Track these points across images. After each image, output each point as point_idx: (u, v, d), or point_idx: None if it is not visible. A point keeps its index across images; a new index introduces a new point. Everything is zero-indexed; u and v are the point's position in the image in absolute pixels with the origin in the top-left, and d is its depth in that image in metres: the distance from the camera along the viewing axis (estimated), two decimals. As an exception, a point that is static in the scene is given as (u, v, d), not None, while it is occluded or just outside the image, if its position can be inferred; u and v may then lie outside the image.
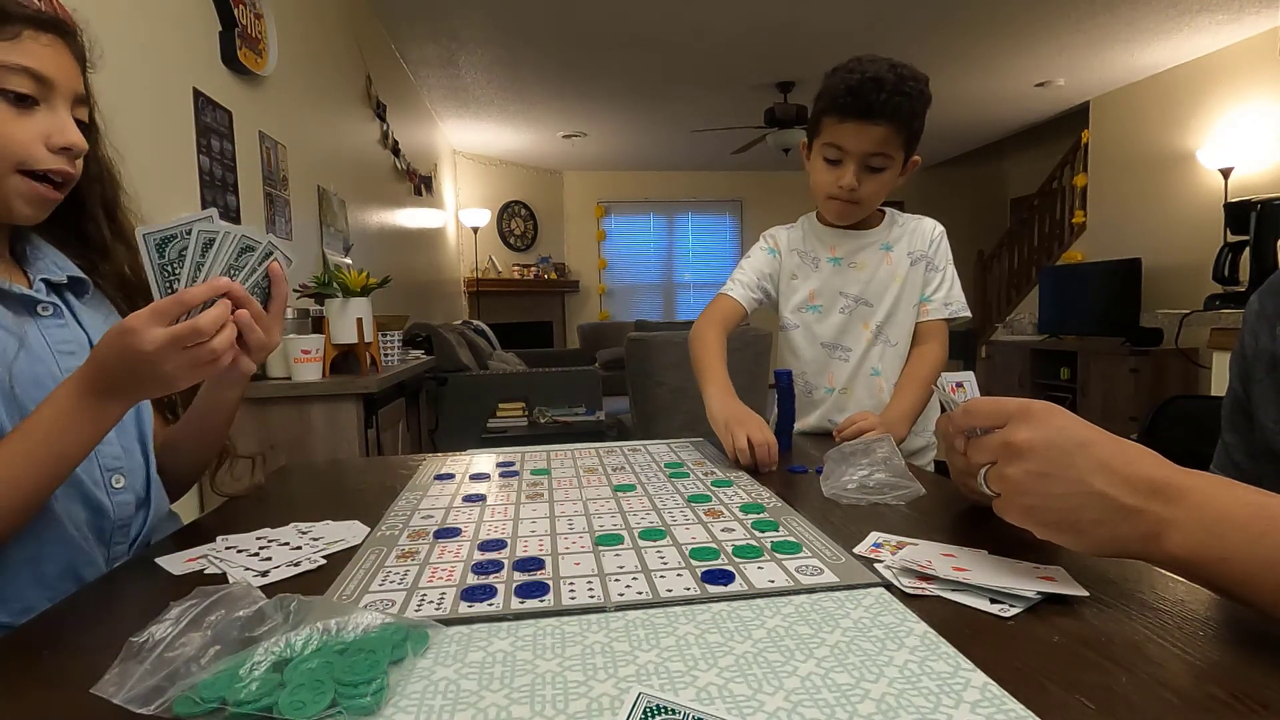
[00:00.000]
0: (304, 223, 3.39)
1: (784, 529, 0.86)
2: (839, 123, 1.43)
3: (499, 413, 4.47)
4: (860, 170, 1.46)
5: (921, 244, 1.59)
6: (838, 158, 1.47)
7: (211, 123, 2.49)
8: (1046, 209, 8.11)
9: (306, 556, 0.80)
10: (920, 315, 1.59)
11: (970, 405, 0.71)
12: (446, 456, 1.35)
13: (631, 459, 1.28)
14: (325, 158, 3.82)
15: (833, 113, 1.44)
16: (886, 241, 1.60)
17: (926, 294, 1.59)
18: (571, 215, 9.95)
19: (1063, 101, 7.30)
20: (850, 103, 1.40)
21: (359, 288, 2.53)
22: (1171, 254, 6.24)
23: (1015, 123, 8.17)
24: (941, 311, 1.58)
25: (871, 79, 1.38)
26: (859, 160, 1.45)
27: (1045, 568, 0.69)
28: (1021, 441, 0.63)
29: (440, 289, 7.34)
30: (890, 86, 1.38)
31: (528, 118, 7.40)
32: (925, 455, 1.62)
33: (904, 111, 1.40)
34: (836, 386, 1.61)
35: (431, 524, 0.91)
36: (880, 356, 1.59)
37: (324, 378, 2.40)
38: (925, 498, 0.97)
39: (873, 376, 1.59)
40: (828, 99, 1.45)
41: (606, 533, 0.85)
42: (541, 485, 1.10)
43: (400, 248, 5.70)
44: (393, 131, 5.27)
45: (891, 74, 1.39)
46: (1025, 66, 6.24)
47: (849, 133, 1.43)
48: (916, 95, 1.41)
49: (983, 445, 0.69)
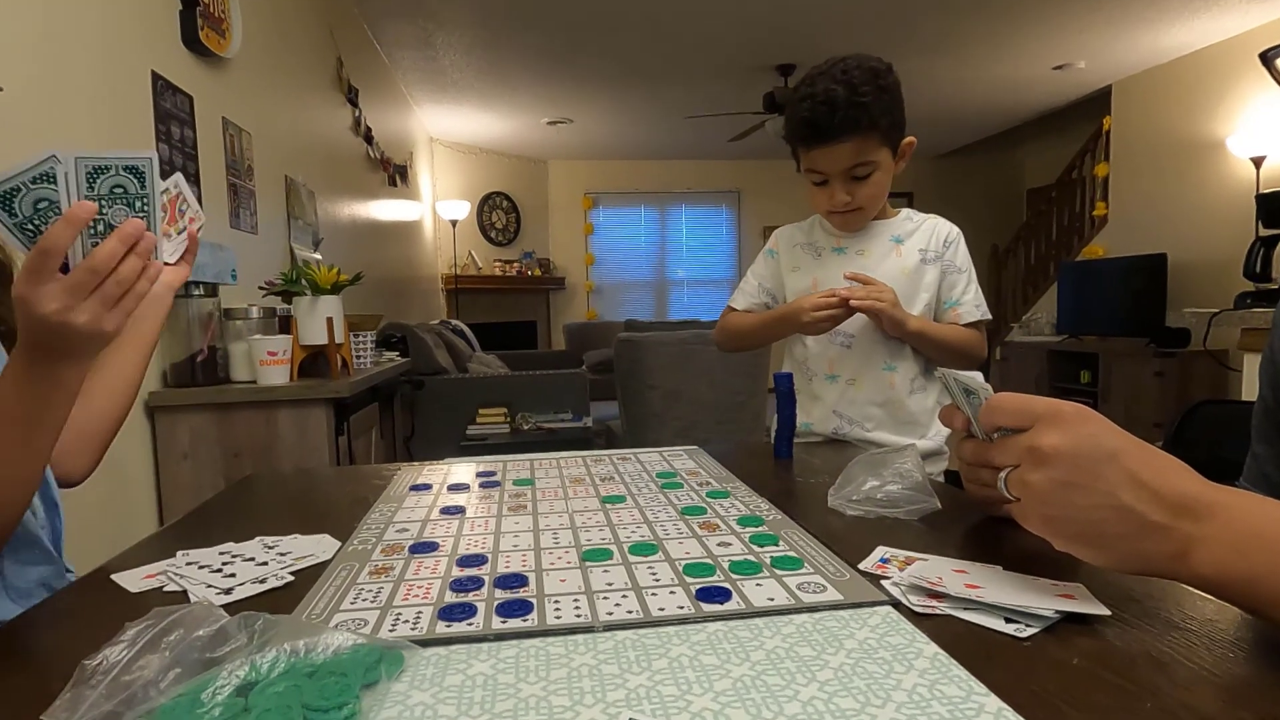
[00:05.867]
0: (270, 215, 3.38)
1: (784, 543, 0.86)
2: (808, 150, 1.53)
3: (479, 419, 4.47)
4: (847, 184, 1.54)
5: (936, 244, 1.63)
6: (822, 179, 1.55)
7: (171, 108, 2.48)
8: (1065, 201, 8.14)
9: (273, 573, 0.80)
10: (951, 320, 1.63)
11: (995, 402, 0.70)
12: (423, 466, 1.35)
13: (621, 468, 1.28)
14: (293, 146, 3.81)
15: (798, 142, 1.54)
16: (898, 234, 1.65)
17: (954, 298, 1.62)
18: (557, 207, 9.94)
19: (1083, 86, 7.33)
20: (809, 133, 1.49)
21: (329, 285, 2.52)
22: (1199, 249, 6.27)
23: (1032, 108, 8.19)
24: (974, 314, 1.62)
25: (822, 102, 1.44)
26: (842, 177, 1.53)
27: (1064, 585, 0.69)
28: (1048, 447, 0.63)
29: (416, 286, 7.33)
30: (843, 102, 1.43)
31: (510, 103, 7.40)
32: (936, 463, 1.62)
33: (866, 119, 1.45)
34: (840, 375, 1.63)
35: (407, 538, 0.91)
36: (892, 352, 1.61)
37: (291, 381, 2.40)
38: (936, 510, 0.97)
39: (885, 371, 1.61)
40: (789, 131, 1.55)
41: (594, 547, 0.85)
42: (525, 496, 1.10)
43: (373, 242, 5.69)
44: (365, 118, 5.26)
45: (842, 87, 1.44)
46: (1042, 48, 6.27)
47: (820, 158, 1.52)
48: (876, 97, 1.45)
49: (1006, 447, 0.69)
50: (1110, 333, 6.51)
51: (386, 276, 6.00)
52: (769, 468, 1.34)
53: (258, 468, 2.23)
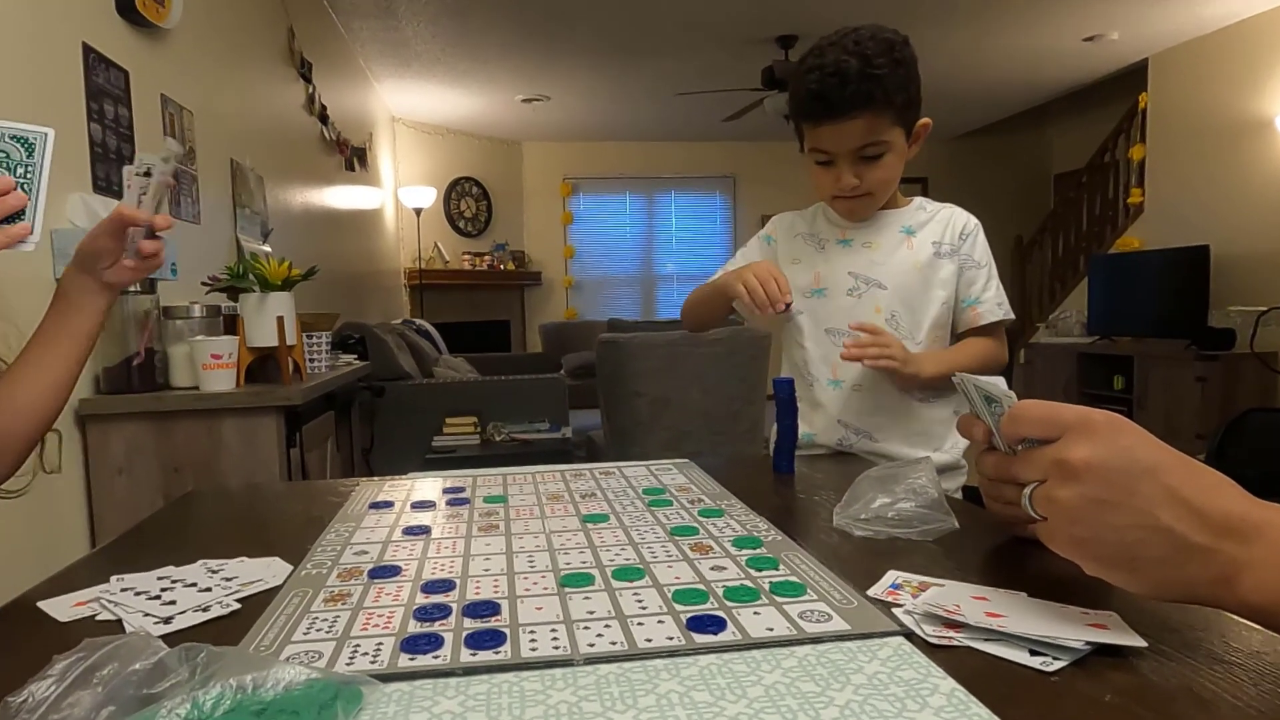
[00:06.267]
0: (214, 203, 3.36)
1: (785, 567, 0.86)
2: (814, 127, 1.52)
3: (446, 429, 4.47)
4: (855, 165, 1.54)
5: (951, 236, 1.63)
6: (828, 159, 1.55)
7: (105, 84, 2.47)
8: (1097, 186, 8.19)
9: (217, 600, 0.80)
10: (971, 320, 1.63)
11: (1019, 411, 0.70)
12: (384, 481, 1.35)
13: (604, 484, 1.28)
14: (240, 126, 3.79)
15: (804, 118, 1.54)
16: (909, 225, 1.65)
17: (973, 295, 1.63)
18: (532, 194, 9.92)
19: (1116, 59, 7.35)
20: (817, 107, 1.49)
21: (280, 280, 2.51)
22: (1246, 240, 6.29)
23: (1060, 84, 8.21)
24: (995, 313, 1.63)
25: (832, 74, 1.44)
26: (850, 157, 1.53)
27: (1096, 613, 0.69)
28: (1079, 461, 0.63)
29: (376, 282, 7.30)
30: (855, 74, 1.43)
31: (480, 78, 7.38)
32: (953, 478, 1.63)
33: (880, 94, 1.45)
34: (843, 380, 1.63)
35: (366, 561, 0.91)
36: None
37: (238, 387, 2.39)
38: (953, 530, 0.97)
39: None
40: (794, 105, 1.55)
41: (574, 571, 0.86)
42: (497, 515, 1.10)
43: (329, 233, 5.67)
44: (320, 95, 5.23)
45: (855, 58, 1.44)
46: (1071, 17, 6.28)
47: (827, 136, 1.52)
48: (891, 70, 1.45)
49: (1031, 460, 0.69)
50: (1147, 333, 6.54)
51: (343, 271, 5.98)
52: (768, 483, 1.34)
53: (200, 483, 2.22)
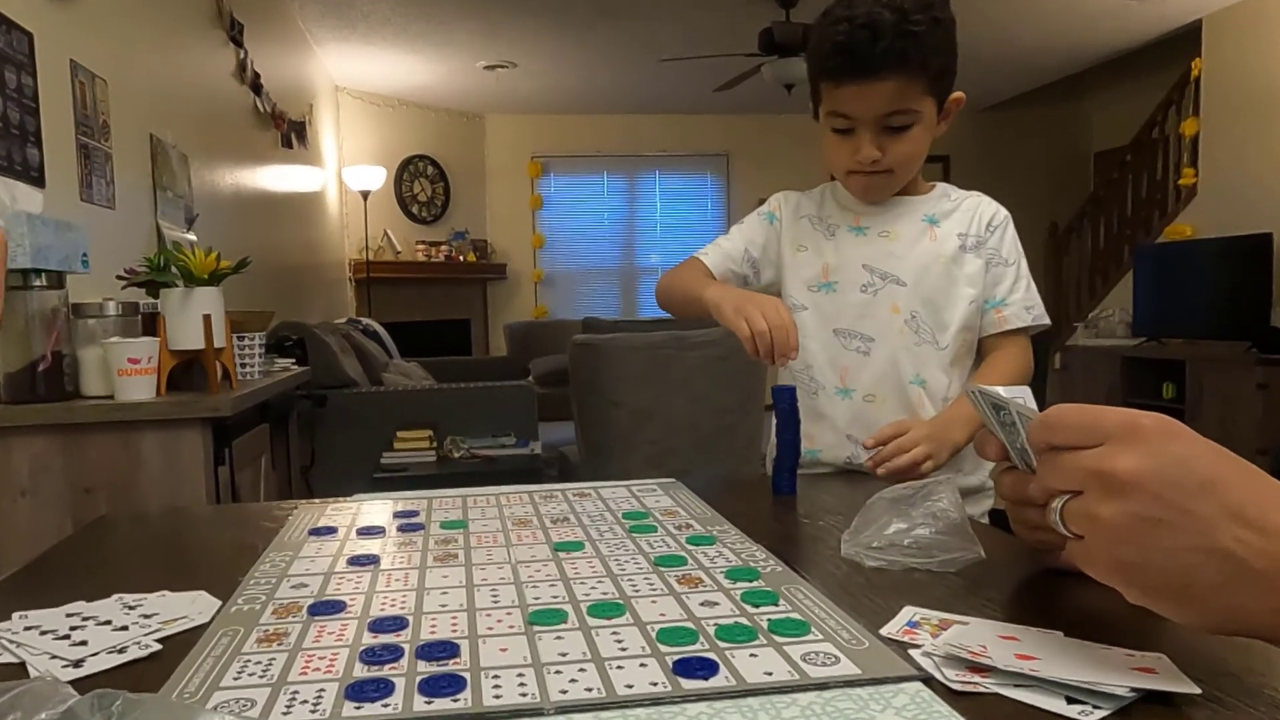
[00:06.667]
0: (131, 184, 3.36)
1: (786, 602, 0.86)
2: (836, 87, 1.50)
3: (397, 444, 4.49)
4: (879, 136, 1.52)
5: (977, 228, 1.63)
6: (848, 126, 1.53)
7: (4, 48, 2.45)
8: (1143, 166, 8.22)
9: (135, 640, 0.80)
10: (994, 325, 1.62)
11: (1054, 417, 0.68)
12: (326, 504, 1.35)
13: (578, 507, 1.28)
14: (161, 97, 3.79)
15: (825, 76, 1.51)
16: (932, 214, 1.64)
17: (999, 296, 1.62)
18: (496, 175, 9.93)
19: (1165, 20, 7.37)
20: (842, 63, 1.46)
21: (207, 273, 2.50)
22: (1313, 228, 6.31)
23: (1101, 49, 8.24)
24: (1023, 318, 1.62)
25: (864, 25, 1.43)
26: (873, 125, 1.51)
27: (1142, 655, 0.69)
28: (1125, 472, 0.61)
29: (318, 276, 7.30)
30: (890, 29, 1.42)
31: (436, 41, 7.37)
32: (979, 501, 1.63)
33: (915, 55, 1.44)
34: (854, 389, 1.62)
35: (305, 595, 0.91)
36: (922, 361, 1.61)
37: (158, 396, 2.37)
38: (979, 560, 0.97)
39: (912, 385, 1.61)
40: (816, 60, 1.52)
41: (544, 607, 0.86)
42: (455, 543, 1.10)
43: (263, 219, 5.68)
44: (253, 61, 5.23)
45: (890, 11, 1.43)
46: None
47: (850, 98, 1.49)
48: (930, 28, 1.45)
49: (1064, 466, 0.66)
50: (1201, 334, 6.55)
51: (280, 263, 5.97)
52: (766, 506, 1.34)
53: (115, 506, 2.19)
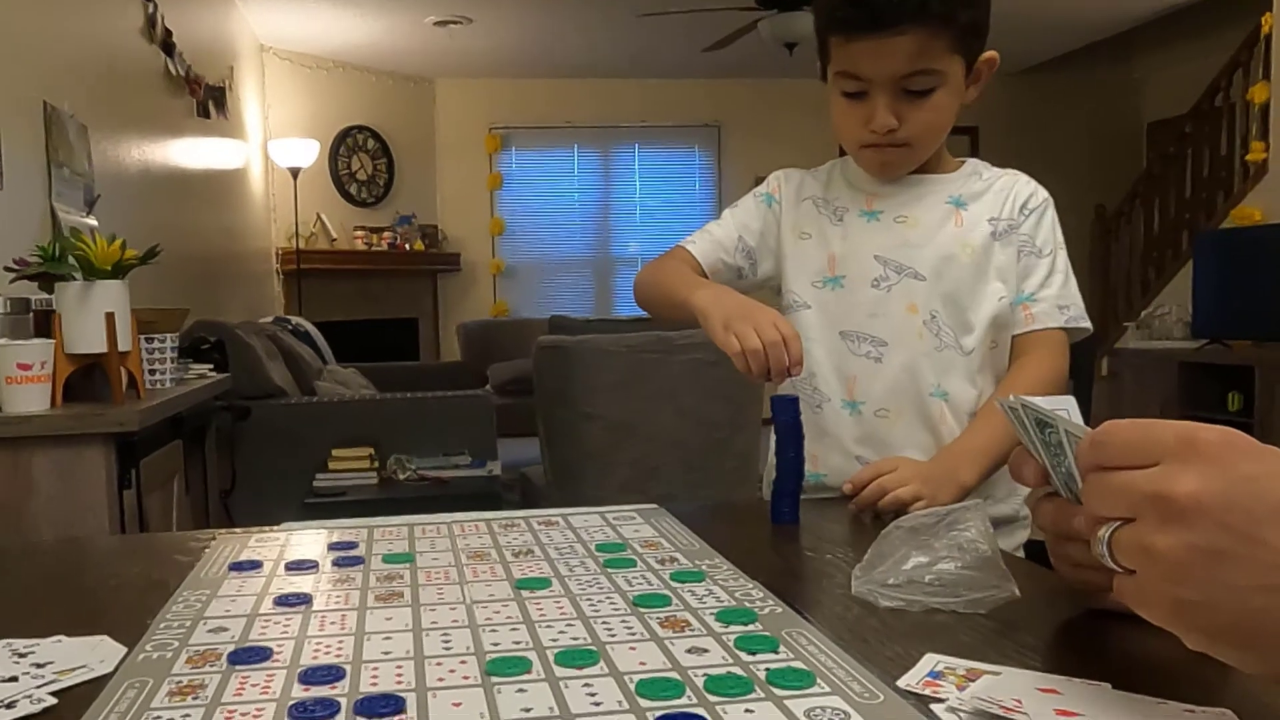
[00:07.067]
0: (21, 161, 3.38)
1: (787, 649, 0.86)
2: (846, 43, 1.49)
3: (333, 464, 4.50)
4: (895, 101, 1.50)
5: (1010, 211, 1.62)
6: (860, 89, 1.52)
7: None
8: (1205, 140, 8.21)
9: (25, 692, 0.79)
10: (1020, 324, 1.61)
11: (1105, 434, 0.68)
12: (249, 534, 1.34)
13: (545, 537, 1.28)
14: (56, 58, 3.82)
15: (834, 29, 1.50)
16: (959, 195, 1.63)
17: (1028, 290, 1.61)
18: (448, 150, 9.99)
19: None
20: (854, 13, 1.46)
21: (110, 265, 2.52)
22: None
23: (1153, 5, 8.27)
24: (1054, 317, 1.60)
25: None
26: (890, 88, 1.49)
27: (1204, 711, 0.69)
28: (1185, 496, 0.60)
29: (240, 267, 7.34)
30: None
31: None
32: (1013, 533, 1.63)
33: (939, 4, 1.44)
34: (864, 403, 1.62)
35: (225, 641, 0.90)
36: (944, 369, 1.60)
37: (53, 408, 2.41)
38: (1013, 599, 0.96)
39: (933, 398, 1.60)
40: (824, 10, 1.52)
41: (503, 655, 0.85)
42: (401, 580, 1.10)
43: (176, 201, 5.71)
44: (164, 16, 5.24)
45: None
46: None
47: (864, 54, 1.48)
48: None
49: (1113, 489, 0.66)
50: (1271, 336, 6.58)
51: (195, 253, 6.01)
52: (764, 537, 1.35)
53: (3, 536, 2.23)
